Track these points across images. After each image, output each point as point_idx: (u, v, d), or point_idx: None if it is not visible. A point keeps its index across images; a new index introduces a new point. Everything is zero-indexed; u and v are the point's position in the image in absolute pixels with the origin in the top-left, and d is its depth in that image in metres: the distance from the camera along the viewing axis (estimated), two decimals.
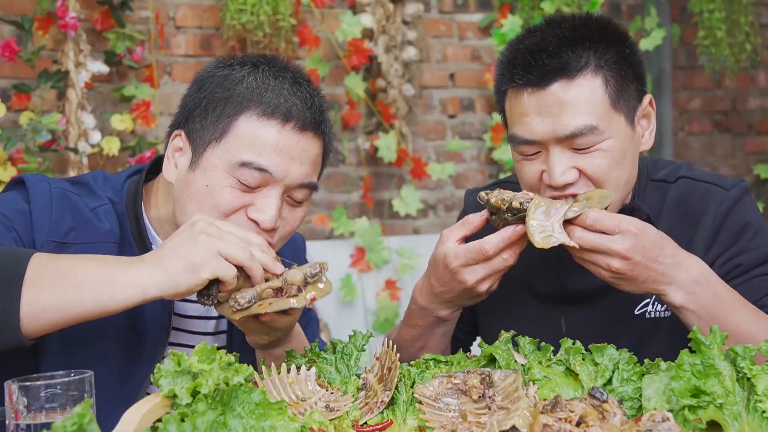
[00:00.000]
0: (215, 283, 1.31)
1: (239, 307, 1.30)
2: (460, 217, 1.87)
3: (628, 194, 1.59)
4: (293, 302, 1.30)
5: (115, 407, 1.32)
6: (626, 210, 1.59)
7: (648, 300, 1.59)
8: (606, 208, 1.41)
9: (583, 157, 1.48)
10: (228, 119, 1.42)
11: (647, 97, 1.56)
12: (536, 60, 1.46)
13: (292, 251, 1.73)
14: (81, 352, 1.43)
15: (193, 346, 1.54)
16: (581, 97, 1.46)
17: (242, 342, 1.56)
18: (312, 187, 1.47)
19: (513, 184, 1.83)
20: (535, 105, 1.47)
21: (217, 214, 1.40)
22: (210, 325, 1.62)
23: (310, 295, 1.32)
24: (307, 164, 1.44)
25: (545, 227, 1.36)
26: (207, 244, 1.27)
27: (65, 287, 1.24)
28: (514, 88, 1.51)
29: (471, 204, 1.84)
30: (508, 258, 1.42)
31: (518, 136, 1.51)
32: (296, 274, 1.33)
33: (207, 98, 1.45)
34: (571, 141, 1.47)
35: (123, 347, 1.47)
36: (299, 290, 1.33)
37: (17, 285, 1.22)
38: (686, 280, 1.39)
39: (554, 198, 1.52)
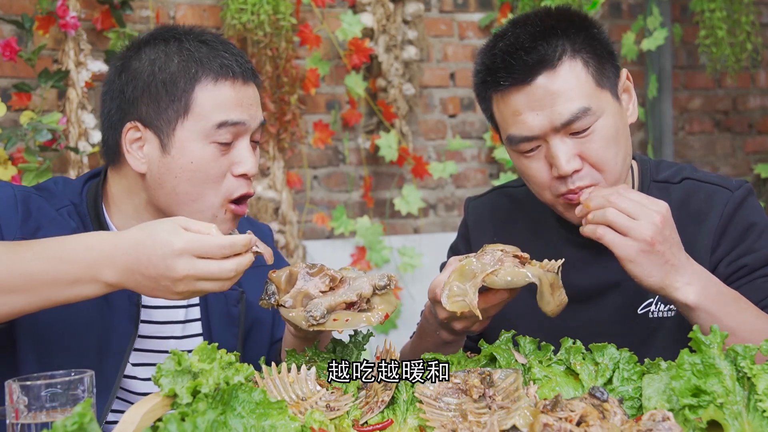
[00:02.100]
0: (271, 284, 1.35)
1: (315, 322, 1.29)
2: (461, 226, 1.88)
3: (627, 172, 1.59)
4: (368, 321, 1.30)
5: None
6: None
7: (651, 299, 1.59)
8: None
9: (583, 142, 1.49)
10: (186, 94, 1.49)
11: (623, 72, 1.59)
12: (516, 59, 1.48)
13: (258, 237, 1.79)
14: (54, 346, 1.47)
15: (161, 337, 1.61)
16: (568, 83, 1.48)
17: (220, 331, 1.65)
18: (264, 124, 1.60)
19: (512, 188, 1.83)
20: (526, 101, 1.49)
21: (210, 185, 1.48)
22: (180, 314, 1.65)
23: (382, 310, 1.32)
24: (257, 107, 1.58)
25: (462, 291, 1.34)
26: (179, 291, 1.28)
27: (24, 293, 1.26)
28: (501, 91, 1.52)
29: (471, 213, 1.85)
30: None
31: (516, 135, 1.51)
32: (365, 286, 1.33)
33: (151, 83, 1.49)
34: (568, 127, 1.48)
35: (93, 341, 1.50)
36: (367, 301, 1.33)
37: None
38: (699, 272, 1.41)
39: (563, 194, 1.52)
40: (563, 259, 1.38)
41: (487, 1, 3.84)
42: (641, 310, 1.60)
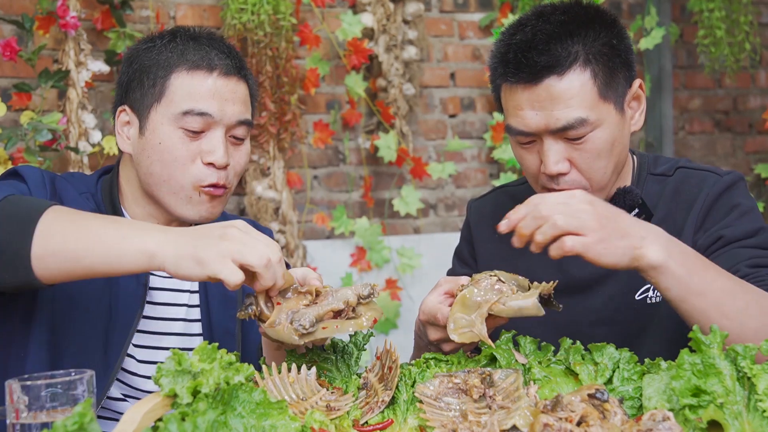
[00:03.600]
0: (250, 296, 1.32)
1: (305, 331, 1.27)
2: (463, 229, 1.89)
3: (618, 178, 1.62)
4: (357, 326, 1.30)
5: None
6: (620, 192, 1.62)
7: (648, 285, 1.60)
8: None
9: (575, 148, 1.53)
10: (162, 80, 1.59)
11: (636, 82, 1.60)
12: (527, 58, 1.50)
13: None
14: (63, 326, 1.53)
15: (163, 333, 1.65)
16: (572, 91, 1.50)
17: (219, 313, 1.69)
18: (249, 124, 1.64)
19: (513, 187, 1.85)
20: (528, 99, 1.52)
21: (177, 167, 1.55)
22: (183, 297, 1.69)
23: (369, 316, 1.32)
24: (239, 104, 1.62)
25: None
26: (222, 247, 1.23)
27: (76, 239, 1.29)
28: (508, 83, 1.56)
29: (473, 213, 1.86)
30: None
31: (514, 127, 1.57)
32: (350, 295, 1.34)
33: (139, 70, 1.62)
34: (563, 133, 1.52)
35: (97, 322, 1.55)
36: (353, 311, 1.34)
37: (31, 227, 1.29)
38: (658, 233, 1.32)
39: (549, 189, 1.55)
40: (557, 281, 1.38)
41: (487, 1, 3.84)
42: (639, 296, 1.61)
